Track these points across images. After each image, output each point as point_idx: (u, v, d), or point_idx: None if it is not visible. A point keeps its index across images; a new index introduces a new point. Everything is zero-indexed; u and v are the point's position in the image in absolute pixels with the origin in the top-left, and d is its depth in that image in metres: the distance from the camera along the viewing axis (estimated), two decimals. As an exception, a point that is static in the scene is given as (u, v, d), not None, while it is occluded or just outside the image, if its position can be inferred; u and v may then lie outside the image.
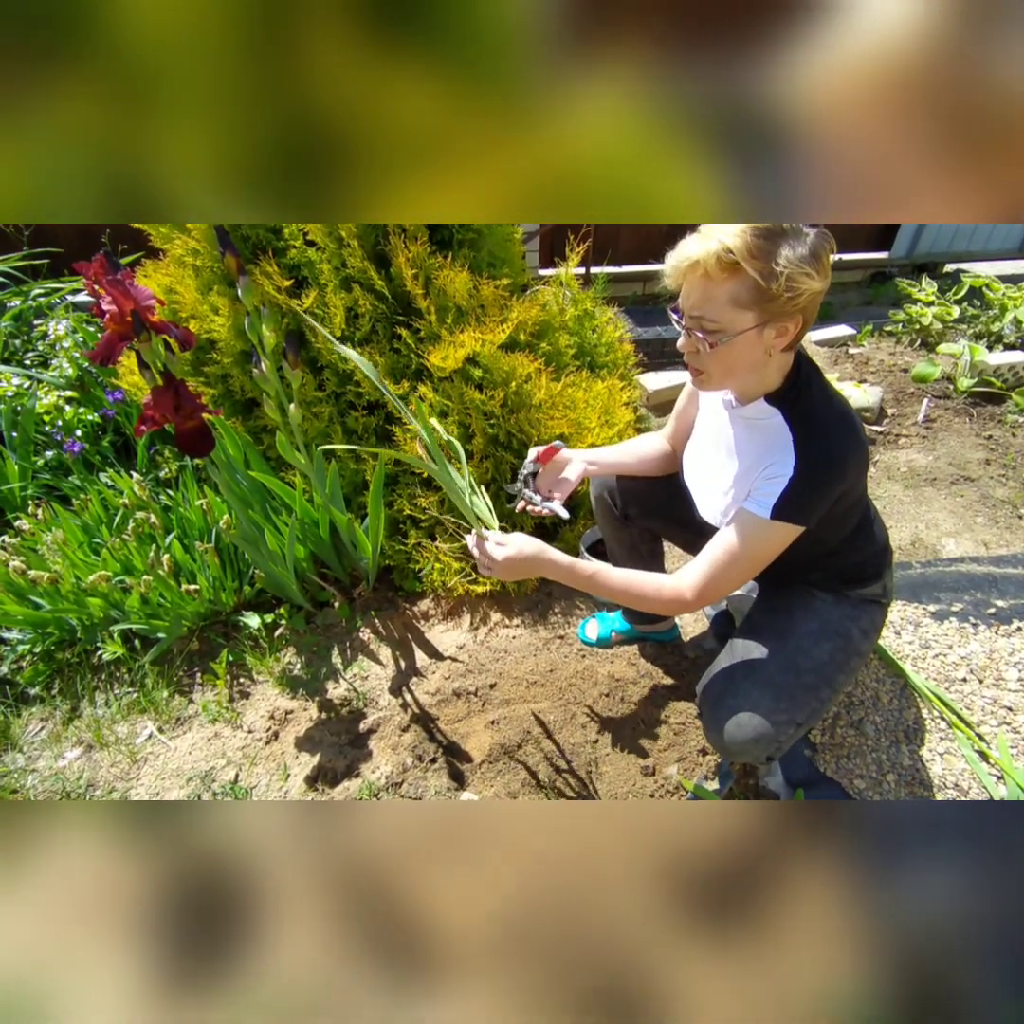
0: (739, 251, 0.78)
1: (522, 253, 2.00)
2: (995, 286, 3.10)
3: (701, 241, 0.81)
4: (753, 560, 0.95)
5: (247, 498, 1.55)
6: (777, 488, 0.90)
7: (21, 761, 1.41)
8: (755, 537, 0.93)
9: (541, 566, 0.99)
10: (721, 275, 0.81)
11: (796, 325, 0.85)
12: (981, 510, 2.08)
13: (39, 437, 1.99)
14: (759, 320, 0.83)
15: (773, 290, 0.79)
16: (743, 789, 1.32)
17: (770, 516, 0.90)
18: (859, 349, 3.01)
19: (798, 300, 0.81)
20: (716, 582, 0.96)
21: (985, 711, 1.43)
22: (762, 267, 0.78)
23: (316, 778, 1.35)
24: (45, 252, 2.58)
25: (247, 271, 1.57)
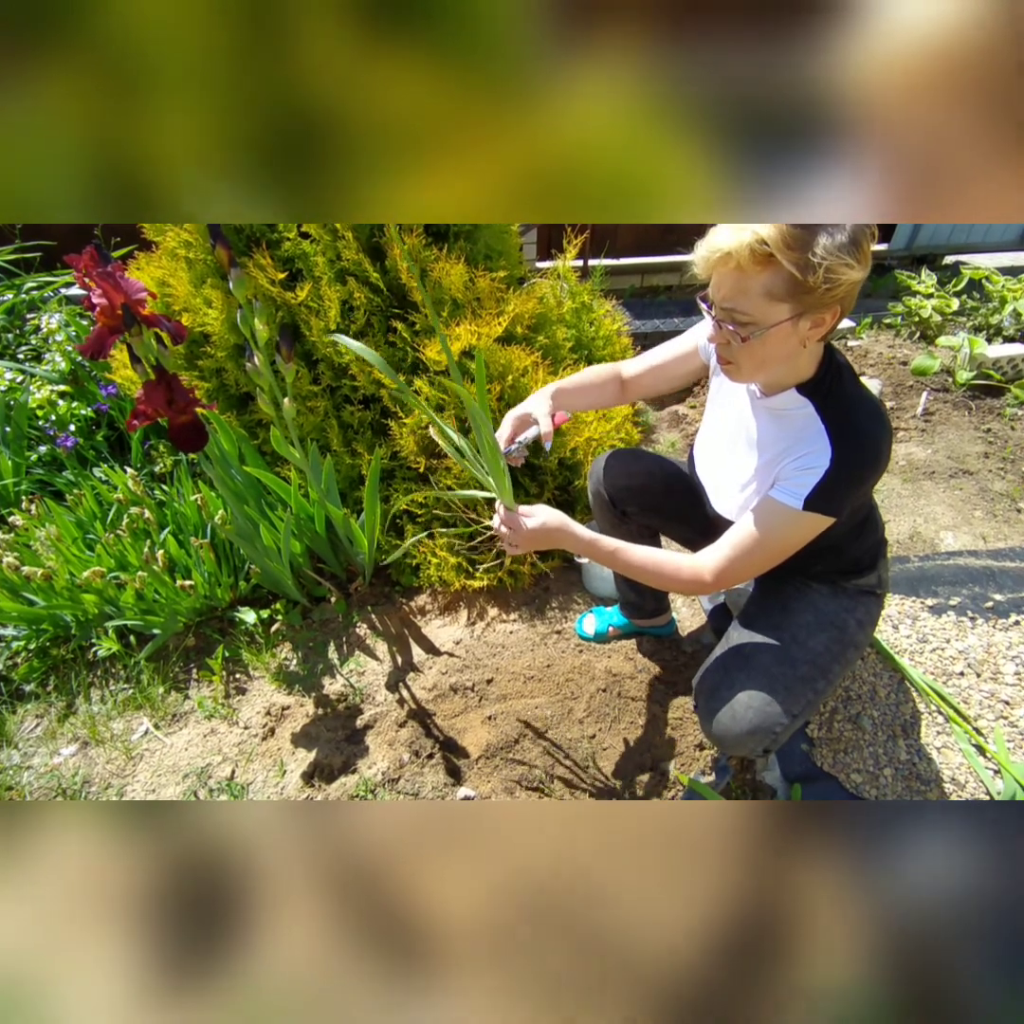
0: (774, 242, 0.74)
1: (519, 245, 1.98)
2: (995, 278, 3.09)
3: (733, 231, 0.77)
4: (778, 549, 0.94)
5: (242, 493, 1.54)
6: (811, 479, 0.88)
7: (16, 758, 1.41)
8: (784, 527, 0.92)
9: (563, 539, 0.99)
10: (755, 267, 0.77)
11: (834, 315, 0.82)
12: (979, 504, 2.07)
13: (32, 432, 1.97)
14: (794, 312, 0.80)
15: (810, 282, 0.75)
16: (740, 784, 1.32)
17: (802, 507, 0.89)
18: (858, 342, 3.00)
19: (836, 291, 0.77)
20: (737, 567, 0.96)
21: (982, 705, 1.43)
22: (798, 258, 0.74)
23: (312, 774, 1.34)
24: (37, 245, 2.55)
25: (240, 264, 1.55)
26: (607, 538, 1.00)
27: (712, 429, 1.13)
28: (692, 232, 0.84)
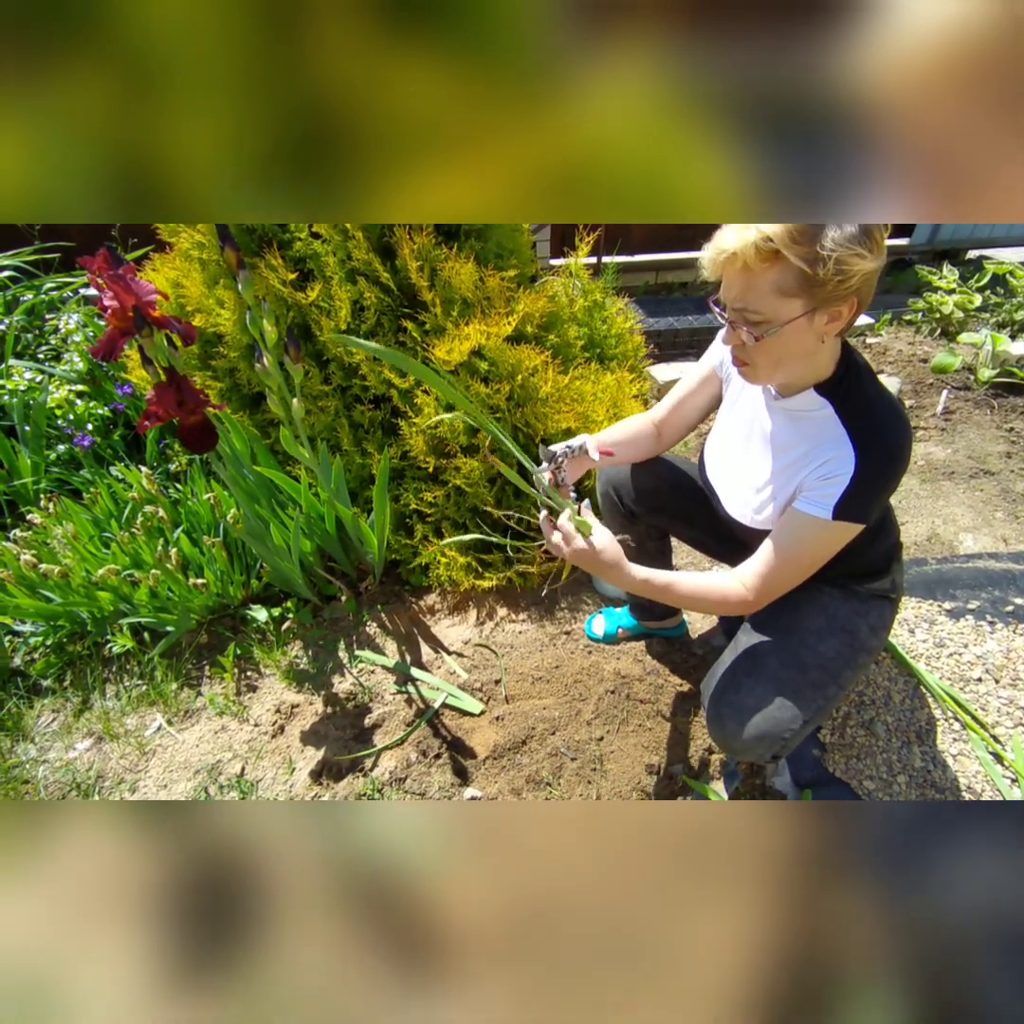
0: (779, 238, 0.73)
1: (531, 243, 1.97)
2: (1019, 273, 3.01)
3: (738, 230, 0.76)
4: (812, 560, 0.93)
5: (253, 492, 1.56)
6: (837, 488, 0.87)
7: (33, 752, 1.43)
8: (816, 538, 0.91)
9: (615, 577, 0.94)
10: (762, 265, 0.76)
11: (851, 308, 0.80)
12: (1001, 505, 2.03)
13: (51, 431, 2.01)
14: (808, 307, 0.78)
15: (820, 275, 0.74)
16: (749, 789, 1.31)
17: (832, 517, 0.88)
18: (877, 339, 2.95)
19: (849, 283, 0.76)
20: (775, 584, 0.95)
21: (1001, 712, 1.40)
22: (806, 252, 0.73)
23: (321, 772, 1.35)
24: (56, 246, 2.59)
25: (252, 264, 1.56)
26: (657, 574, 0.95)
27: (725, 432, 1.11)
28: (708, 227, 0.82)
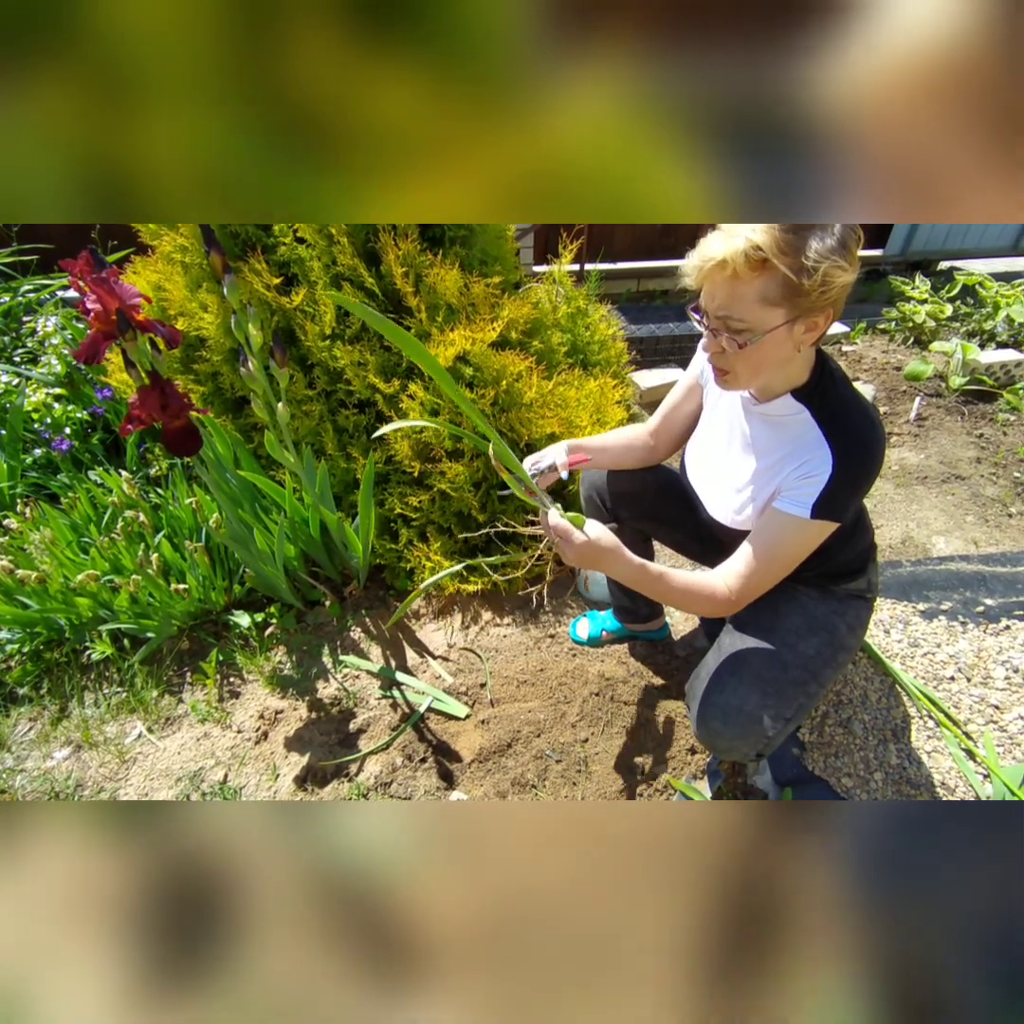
0: (768, 247, 0.76)
1: (515, 250, 1.99)
2: (988, 284, 3.11)
3: (726, 239, 0.78)
4: (791, 558, 0.96)
5: (236, 497, 1.55)
6: (815, 488, 0.90)
7: (9, 761, 1.40)
8: (795, 537, 0.94)
9: (614, 561, 0.94)
10: (751, 273, 0.78)
11: (827, 318, 0.84)
12: (971, 508, 2.09)
13: (28, 435, 1.97)
14: (789, 316, 0.81)
15: (805, 285, 0.77)
16: (732, 788, 1.33)
17: (810, 515, 0.90)
18: (852, 347, 3.02)
19: (829, 293, 0.79)
20: (756, 582, 0.97)
21: (972, 709, 1.44)
22: (792, 262, 0.76)
23: (305, 778, 1.34)
24: (34, 248, 2.55)
25: (236, 268, 1.55)
26: (653, 564, 0.97)
27: (706, 435, 1.14)
28: (690, 235, 0.84)
